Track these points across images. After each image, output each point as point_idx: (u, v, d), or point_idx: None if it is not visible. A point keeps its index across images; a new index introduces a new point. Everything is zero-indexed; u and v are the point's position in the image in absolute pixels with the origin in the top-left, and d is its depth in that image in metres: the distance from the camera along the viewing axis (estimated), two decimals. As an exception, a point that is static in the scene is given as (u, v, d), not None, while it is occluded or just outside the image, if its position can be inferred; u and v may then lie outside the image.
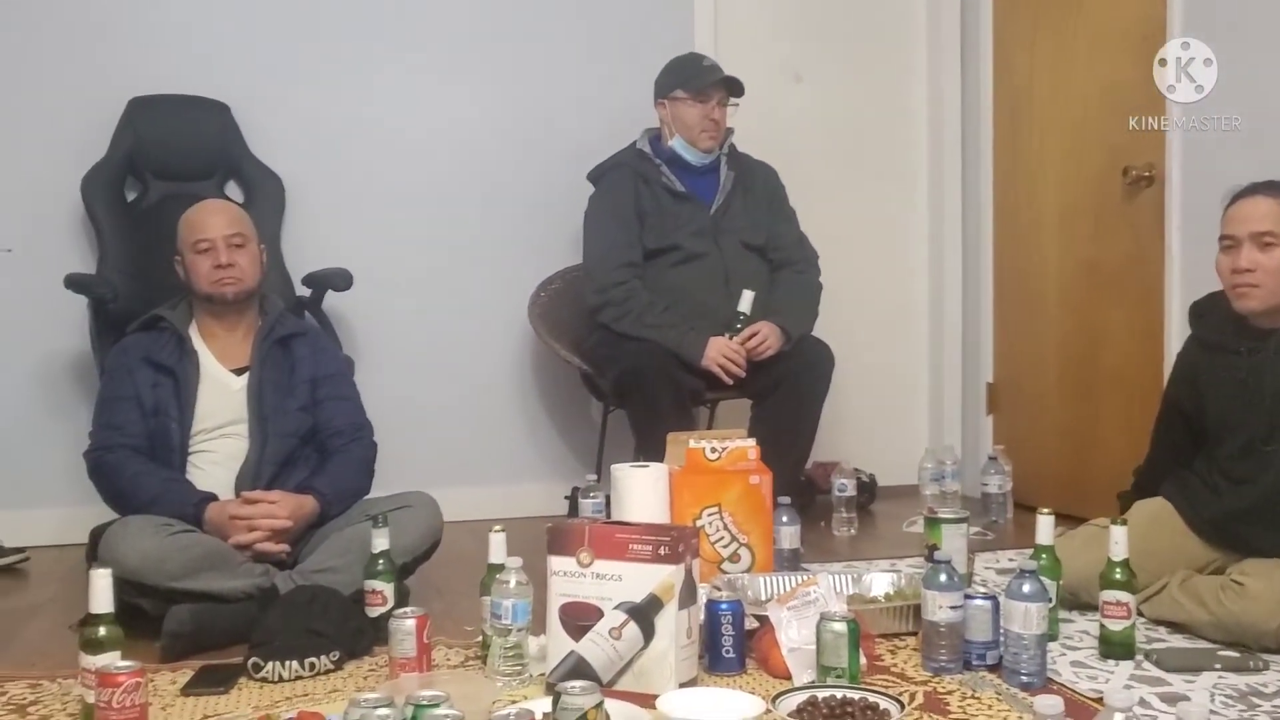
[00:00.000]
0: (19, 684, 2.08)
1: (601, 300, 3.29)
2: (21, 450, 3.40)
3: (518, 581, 2.04)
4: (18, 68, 3.42)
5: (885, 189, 4.19)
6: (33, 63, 3.43)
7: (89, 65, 3.46)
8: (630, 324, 3.23)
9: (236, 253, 2.66)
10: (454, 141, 3.76)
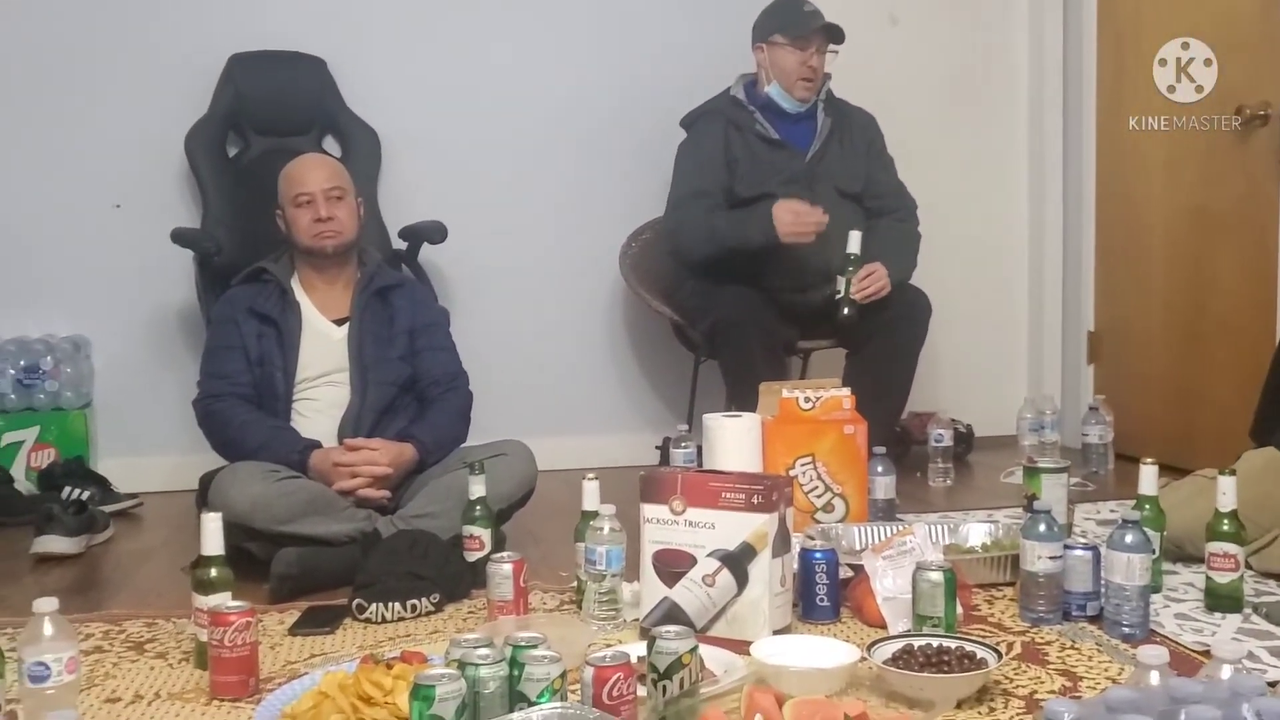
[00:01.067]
0: (136, 622, 2.16)
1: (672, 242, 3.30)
2: (133, 400, 3.52)
3: (611, 529, 2.06)
4: (123, 28, 3.50)
5: (984, 134, 4.09)
6: (137, 22, 3.50)
7: (190, 23, 3.53)
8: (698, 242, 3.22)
9: (335, 206, 2.71)
10: (546, 91, 3.76)
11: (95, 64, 3.47)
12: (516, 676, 1.49)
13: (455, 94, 3.70)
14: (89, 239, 3.49)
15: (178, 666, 1.92)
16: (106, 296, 3.51)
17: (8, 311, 3.44)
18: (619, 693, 1.47)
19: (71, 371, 3.41)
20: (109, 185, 3.49)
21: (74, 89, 3.46)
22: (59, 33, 3.45)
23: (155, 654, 1.99)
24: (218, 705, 1.74)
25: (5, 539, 2.88)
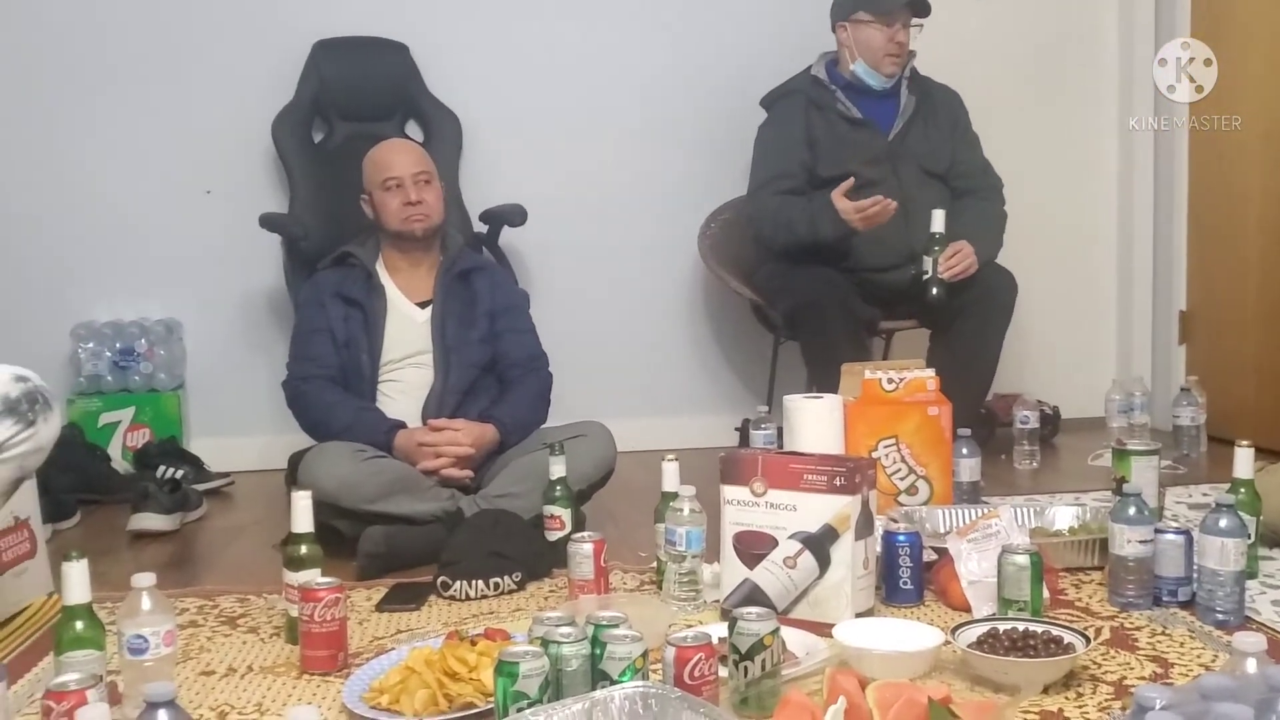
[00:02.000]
0: (229, 598, 2.22)
1: (753, 229, 3.29)
2: (225, 382, 3.60)
3: (691, 510, 2.06)
4: (211, 17, 3.57)
5: (1072, 111, 3.99)
6: (225, 11, 3.57)
7: (275, 10, 3.59)
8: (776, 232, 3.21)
9: (424, 189, 2.75)
10: (626, 73, 3.75)
11: (185, 53, 3.55)
12: (598, 655, 1.50)
13: (536, 77, 3.72)
14: (181, 225, 3.57)
15: (269, 641, 1.97)
16: (198, 280, 3.60)
17: (104, 296, 3.54)
18: (700, 673, 1.48)
19: (165, 354, 3.51)
20: (200, 172, 3.57)
21: (165, 78, 3.54)
22: (150, 24, 3.53)
23: (247, 628, 2.04)
24: (308, 679, 1.78)
25: (103, 516, 2.97)
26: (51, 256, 3.51)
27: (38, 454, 1.76)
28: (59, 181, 3.50)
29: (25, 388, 1.74)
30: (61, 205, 3.51)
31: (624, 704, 1.37)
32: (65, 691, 1.35)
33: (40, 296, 3.49)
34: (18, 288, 3.47)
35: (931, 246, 3.12)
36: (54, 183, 3.50)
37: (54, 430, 1.78)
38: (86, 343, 3.46)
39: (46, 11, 3.48)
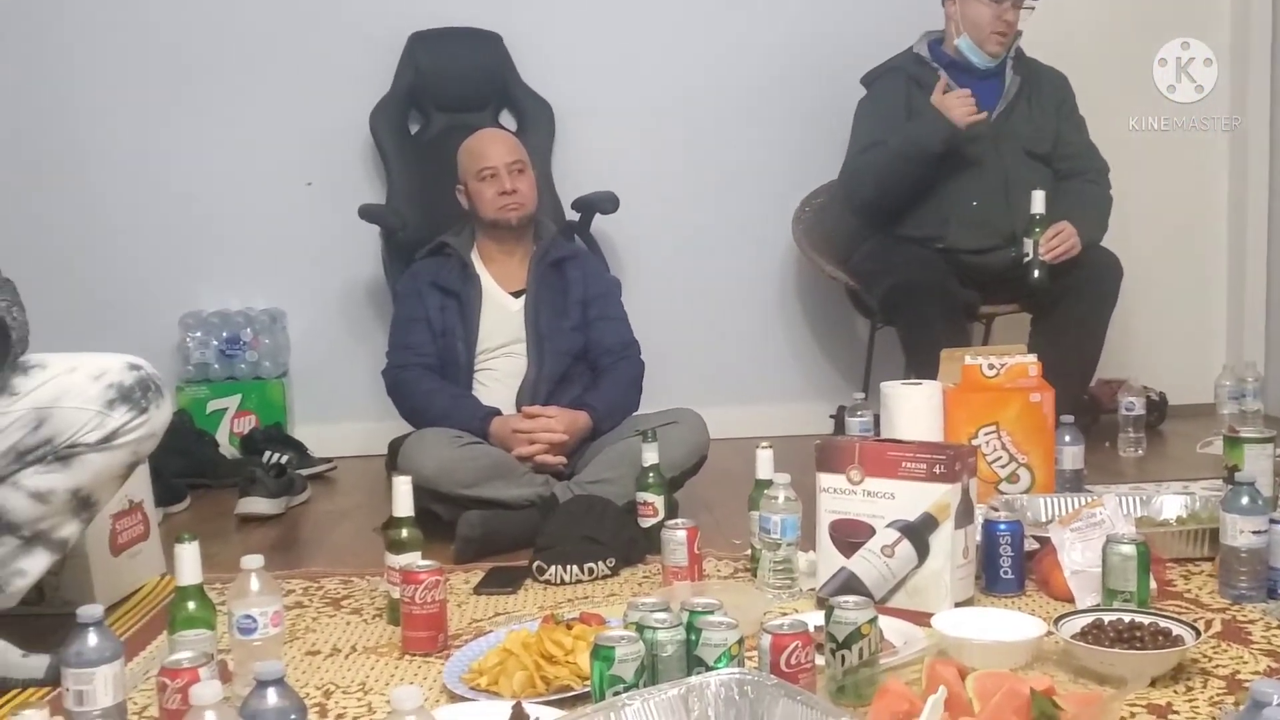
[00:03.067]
0: (333, 580, 2.28)
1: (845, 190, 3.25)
2: (327, 370, 3.68)
3: (786, 497, 2.05)
4: (308, 10, 3.63)
5: (1181, 90, 3.86)
6: (321, 4, 3.64)
7: (372, 2, 3.64)
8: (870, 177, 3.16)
9: (518, 178, 2.77)
10: (718, 55, 3.73)
11: (285, 47, 3.62)
12: (694, 641, 1.50)
13: (627, 63, 3.72)
14: (283, 217, 3.66)
15: (372, 622, 2.01)
16: (300, 271, 3.68)
17: (211, 287, 3.65)
18: (797, 661, 1.47)
19: (269, 343, 3.60)
20: (301, 164, 3.65)
21: (266, 73, 3.62)
22: (251, 19, 3.61)
23: (351, 610, 2.09)
24: (409, 659, 1.81)
25: (212, 500, 3.06)
26: (161, 249, 3.62)
27: (150, 439, 1.82)
28: (167, 176, 3.61)
29: (138, 375, 1.80)
30: (170, 199, 3.62)
31: (719, 690, 1.37)
32: (179, 669, 1.40)
33: (150, 287, 3.60)
34: (129, 279, 3.59)
35: (1032, 228, 3.05)
36: (163, 178, 3.61)
37: (165, 416, 1.84)
38: (194, 332, 3.57)
39: (152, 10, 3.58)
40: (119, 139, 3.59)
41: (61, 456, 1.74)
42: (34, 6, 3.53)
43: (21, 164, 3.47)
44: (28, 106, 3.54)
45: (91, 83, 3.57)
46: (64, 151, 3.57)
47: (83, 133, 3.57)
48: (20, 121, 3.52)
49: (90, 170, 3.59)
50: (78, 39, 3.55)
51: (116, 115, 3.58)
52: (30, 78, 3.54)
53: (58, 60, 3.55)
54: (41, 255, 3.31)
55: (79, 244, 3.57)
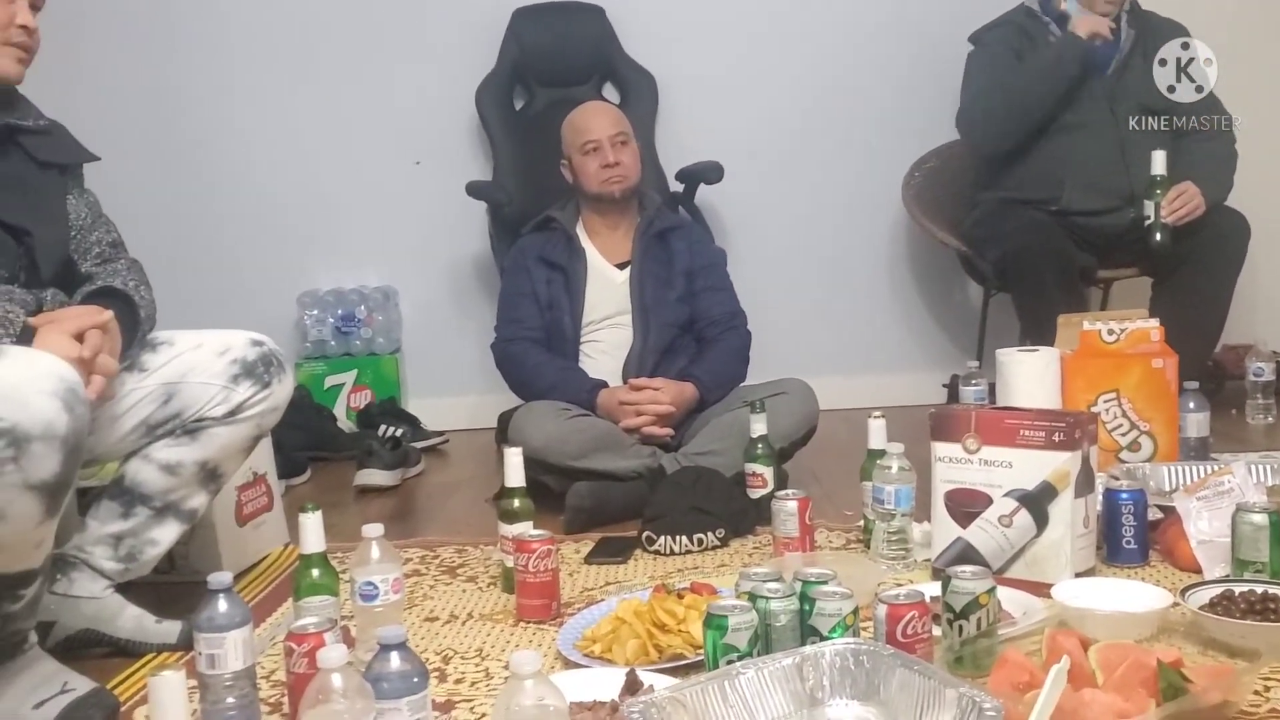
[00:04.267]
0: (448, 548, 2.32)
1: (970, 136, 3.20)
2: (437, 345, 3.75)
3: (900, 467, 2.02)
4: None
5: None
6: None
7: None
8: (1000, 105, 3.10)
9: (621, 151, 2.77)
10: (823, 20, 3.68)
11: (392, 27, 3.67)
12: (808, 611, 1.49)
13: (730, 31, 3.68)
14: (394, 195, 3.72)
15: (486, 590, 2.05)
16: (411, 248, 3.74)
17: (326, 265, 3.74)
18: (913, 631, 1.45)
19: (383, 319, 3.68)
20: (409, 143, 3.71)
21: (374, 53, 3.68)
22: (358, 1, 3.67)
23: (466, 578, 2.13)
24: (524, 626, 1.84)
25: (331, 472, 3.15)
26: (278, 230, 3.72)
27: (273, 413, 1.88)
28: (283, 159, 3.70)
29: (261, 351, 1.86)
30: (286, 182, 3.71)
31: (834, 659, 1.36)
32: (305, 634, 1.44)
33: (269, 267, 3.70)
34: (250, 259, 3.70)
35: (1153, 190, 2.94)
36: (279, 160, 3.70)
37: (287, 391, 1.90)
38: (311, 310, 3.66)
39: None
40: (238, 122, 3.69)
41: (189, 430, 1.81)
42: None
43: (146, 148, 3.59)
44: (150, 92, 3.66)
45: (211, 67, 3.67)
46: (186, 135, 3.68)
47: (204, 116, 3.68)
48: (143, 106, 3.64)
49: (211, 153, 3.69)
50: (196, 25, 3.66)
51: (235, 99, 3.68)
52: (151, 63, 3.65)
53: (177, 45, 3.66)
54: (167, 237, 3.42)
55: (202, 225, 3.68)
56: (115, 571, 1.80)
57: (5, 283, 1.67)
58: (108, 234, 1.91)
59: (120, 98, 3.58)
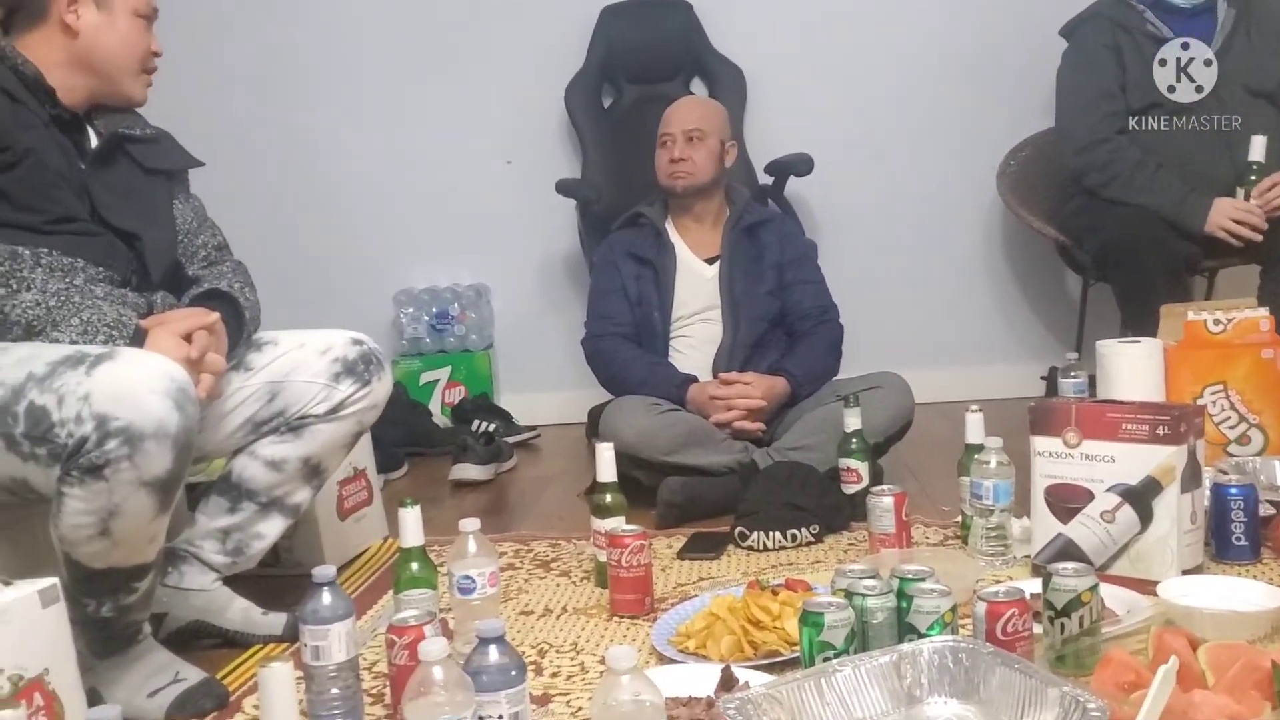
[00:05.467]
0: (542, 543, 2.35)
1: (1082, 162, 3.05)
2: (528, 341, 3.79)
3: (998, 462, 1.99)
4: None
5: None
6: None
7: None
8: (1118, 188, 2.97)
9: (692, 146, 2.76)
10: (912, 9, 3.63)
11: (482, 30, 3.71)
12: (905, 608, 1.47)
13: (818, 23, 3.65)
14: (485, 194, 3.76)
15: (580, 584, 2.06)
16: (502, 246, 3.79)
17: (420, 264, 3.80)
18: (1013, 629, 1.43)
19: (475, 316, 3.73)
20: (500, 143, 3.75)
21: (465, 55, 3.72)
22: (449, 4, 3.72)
23: (559, 572, 2.15)
24: (617, 621, 1.85)
25: (427, 467, 3.20)
26: (375, 230, 3.79)
27: (373, 410, 1.92)
28: (379, 162, 3.77)
29: (361, 350, 1.90)
30: (382, 183, 3.78)
31: (933, 657, 1.35)
32: (406, 626, 1.47)
33: (366, 267, 3.78)
34: (348, 259, 3.78)
35: (1247, 177, 2.85)
36: (375, 163, 3.77)
37: (386, 388, 1.94)
38: (407, 308, 3.73)
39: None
40: (334, 128, 3.77)
41: (293, 427, 1.86)
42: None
43: (248, 154, 3.68)
44: (250, 99, 3.75)
45: (308, 75, 3.76)
46: (285, 141, 3.77)
47: (302, 123, 3.77)
48: (244, 113, 3.74)
49: (310, 158, 3.78)
50: (294, 34, 3.74)
51: (331, 105, 3.76)
52: (251, 71, 3.75)
53: (276, 54, 3.75)
54: (269, 239, 3.49)
55: (302, 228, 3.77)
56: (223, 565, 1.86)
57: (117, 286, 1.73)
58: (213, 237, 1.97)
59: (222, 105, 3.68)
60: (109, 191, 1.79)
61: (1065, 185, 3.18)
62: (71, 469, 1.45)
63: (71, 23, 1.77)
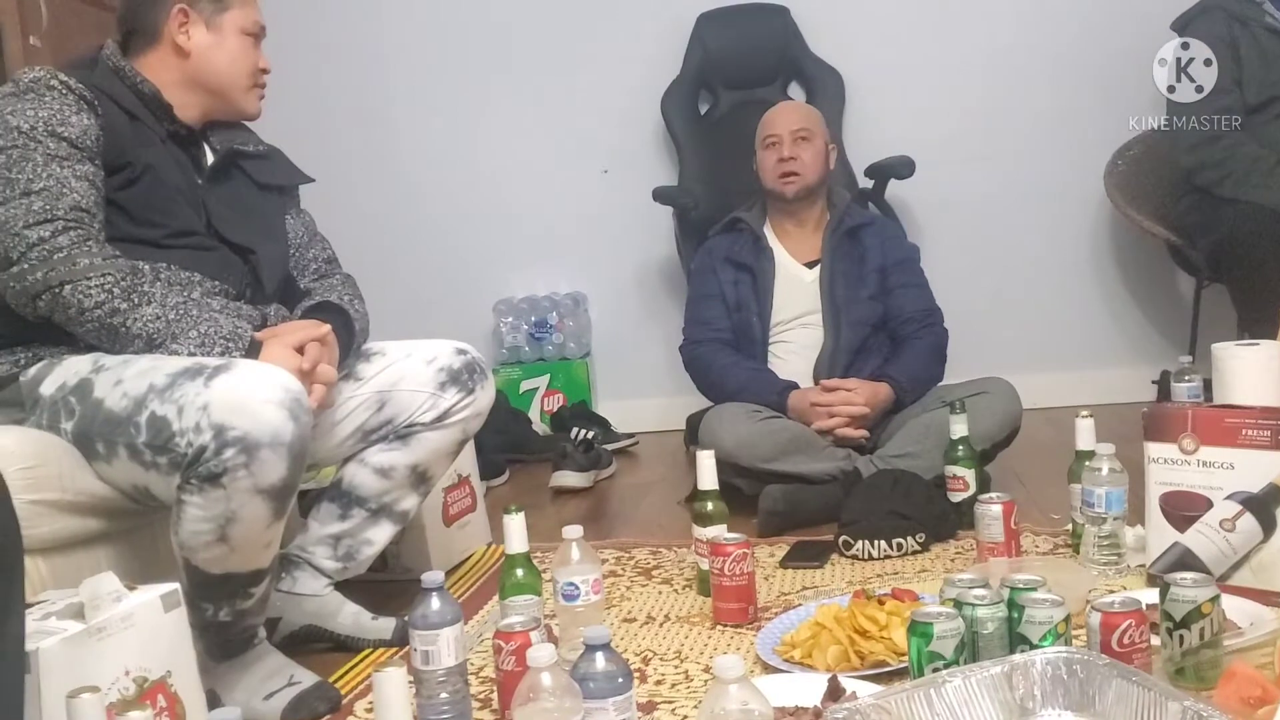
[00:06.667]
0: (643, 550, 2.35)
1: (1195, 160, 2.95)
2: (626, 348, 3.81)
3: (1111, 469, 1.94)
4: (599, 5, 3.73)
5: None
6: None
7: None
8: (1233, 185, 2.87)
9: (800, 146, 2.75)
10: (1014, 7, 3.56)
11: (577, 39, 3.75)
12: (1016, 619, 1.44)
13: (918, 24, 3.61)
14: (582, 203, 3.80)
15: (682, 592, 2.06)
16: (599, 254, 3.81)
17: (519, 273, 3.84)
18: (1130, 640, 1.39)
19: (573, 324, 3.76)
20: (596, 152, 3.78)
21: (560, 66, 3.76)
22: (547, 12, 3.76)
23: (661, 580, 2.15)
24: (720, 630, 1.85)
25: (527, 474, 3.24)
26: (475, 241, 3.85)
27: (477, 418, 1.95)
28: (479, 173, 3.83)
29: (465, 359, 1.93)
30: (481, 194, 3.83)
31: (1046, 668, 1.32)
32: (512, 632, 1.49)
33: (467, 277, 3.84)
34: (449, 270, 3.84)
35: None
36: (475, 175, 3.83)
37: (490, 397, 1.97)
38: (506, 317, 3.77)
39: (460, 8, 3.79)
40: (434, 141, 3.84)
41: (401, 435, 1.90)
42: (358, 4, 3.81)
43: (354, 170, 3.76)
44: (353, 116, 3.84)
45: (409, 92, 3.84)
46: (388, 156, 3.85)
47: (403, 137, 3.85)
48: (349, 130, 3.83)
49: (411, 172, 3.85)
50: (395, 51, 3.83)
51: (431, 119, 3.83)
52: (354, 88, 3.84)
53: (379, 71, 3.84)
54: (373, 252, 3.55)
55: (405, 240, 3.84)
56: (334, 570, 1.90)
57: (233, 299, 1.79)
58: (323, 251, 2.02)
59: (329, 123, 3.77)
60: (224, 206, 1.85)
61: (1176, 184, 3.09)
62: (191, 477, 1.50)
63: (183, 44, 1.84)
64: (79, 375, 1.63)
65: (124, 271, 1.63)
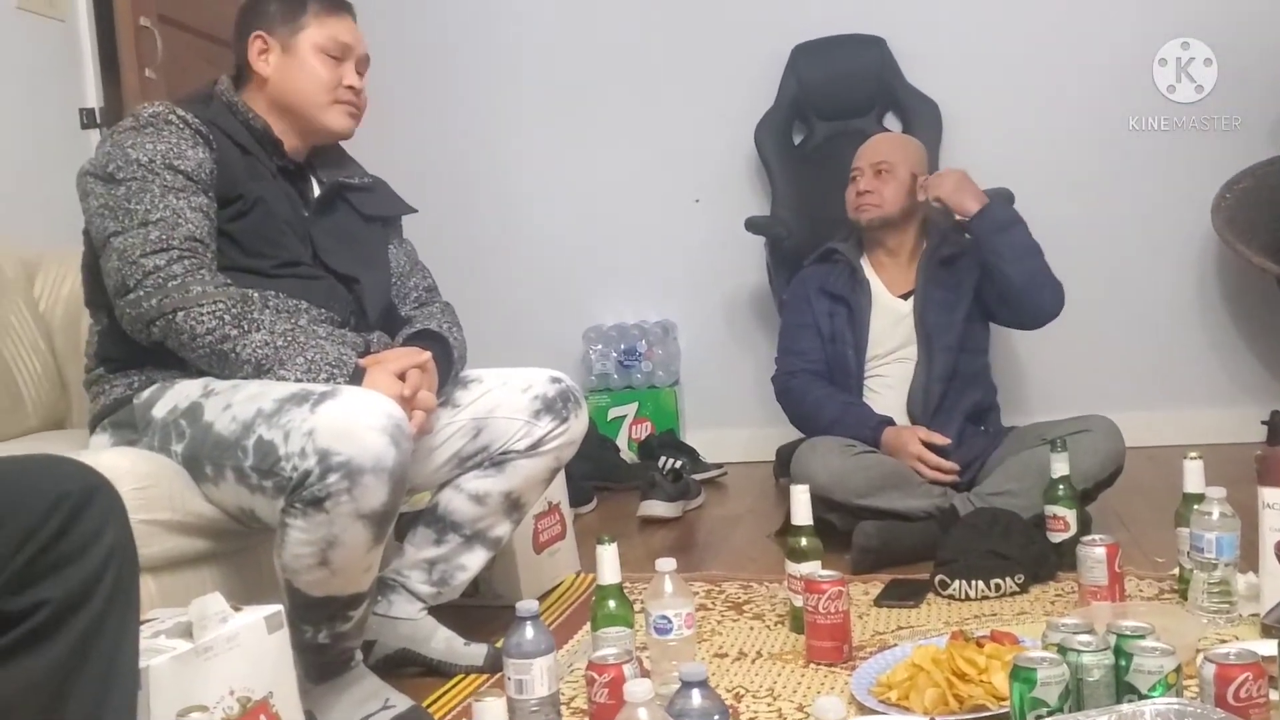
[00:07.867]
0: (733, 584, 2.32)
1: None
2: (716, 378, 3.79)
3: (1222, 513, 1.87)
4: (692, 31, 3.74)
5: None
6: (704, 24, 3.74)
7: (754, 19, 3.70)
8: None
9: (879, 179, 2.72)
10: (1118, 37, 3.48)
11: (672, 71, 3.77)
12: (1123, 667, 1.40)
13: (1018, 54, 3.56)
14: (673, 232, 3.80)
15: (774, 628, 2.04)
16: (689, 283, 3.82)
17: (608, 301, 3.86)
18: (1247, 694, 1.34)
19: (662, 353, 3.76)
20: (688, 181, 3.79)
21: (654, 97, 3.78)
22: (641, 44, 3.79)
23: (752, 615, 2.12)
24: (814, 668, 1.82)
25: (615, 502, 3.24)
26: (566, 268, 3.88)
27: (570, 446, 1.96)
28: (570, 201, 3.87)
29: (559, 388, 1.95)
30: (573, 222, 3.87)
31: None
32: (605, 664, 1.48)
33: (558, 304, 3.87)
34: (541, 297, 3.88)
35: None
36: (566, 203, 3.87)
37: (583, 425, 1.97)
38: (596, 345, 3.79)
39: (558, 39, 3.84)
40: (529, 171, 3.88)
41: (496, 462, 1.91)
42: (454, 37, 3.87)
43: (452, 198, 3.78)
44: (453, 148, 3.89)
45: (505, 124, 3.87)
46: (485, 186, 3.89)
47: (499, 168, 3.89)
48: (448, 161, 3.87)
49: (505, 202, 3.90)
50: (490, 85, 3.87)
51: (525, 150, 3.87)
52: (453, 123, 3.89)
53: (475, 106, 3.89)
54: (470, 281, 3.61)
55: (500, 269, 3.88)
56: (429, 595, 1.92)
57: (338, 326, 1.83)
58: (424, 280, 2.05)
59: (429, 156, 3.82)
60: (330, 237, 1.89)
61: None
62: (295, 501, 1.53)
63: (262, 70, 1.88)
64: (190, 399, 1.67)
65: (235, 299, 1.67)
